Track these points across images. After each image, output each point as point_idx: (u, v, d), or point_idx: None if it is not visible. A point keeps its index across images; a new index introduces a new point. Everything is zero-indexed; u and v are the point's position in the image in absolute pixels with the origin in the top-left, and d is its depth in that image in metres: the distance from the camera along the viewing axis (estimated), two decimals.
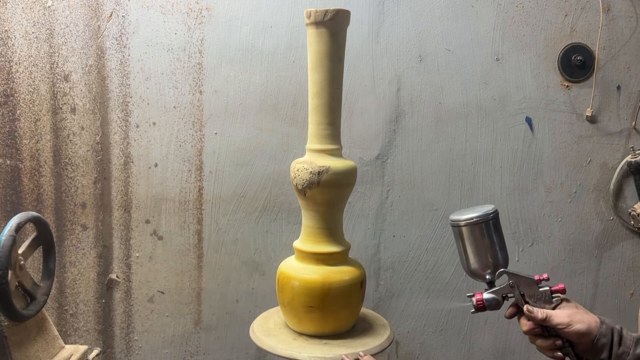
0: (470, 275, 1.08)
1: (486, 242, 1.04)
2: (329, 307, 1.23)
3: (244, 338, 1.79)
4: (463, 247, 1.06)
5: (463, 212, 1.06)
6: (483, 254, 1.04)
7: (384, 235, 1.79)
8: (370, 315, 1.42)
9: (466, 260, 1.06)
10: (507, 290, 1.04)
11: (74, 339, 1.80)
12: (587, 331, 0.96)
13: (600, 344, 0.96)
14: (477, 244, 1.04)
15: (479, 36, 1.73)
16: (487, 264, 1.04)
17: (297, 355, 1.18)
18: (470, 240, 1.04)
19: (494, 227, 1.04)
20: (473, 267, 1.06)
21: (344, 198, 1.29)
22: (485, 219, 1.03)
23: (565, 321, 0.97)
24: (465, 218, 1.04)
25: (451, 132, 1.76)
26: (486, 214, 1.04)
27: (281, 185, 1.76)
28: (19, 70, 1.70)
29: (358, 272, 1.28)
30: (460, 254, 1.08)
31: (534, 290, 1.02)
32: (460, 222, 1.05)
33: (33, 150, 1.73)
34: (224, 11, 1.71)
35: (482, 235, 1.04)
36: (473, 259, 1.05)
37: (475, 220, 1.03)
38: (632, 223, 1.78)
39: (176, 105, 1.73)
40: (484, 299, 1.05)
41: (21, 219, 1.22)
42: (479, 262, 1.05)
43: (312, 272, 1.23)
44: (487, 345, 1.84)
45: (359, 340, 1.25)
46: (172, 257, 1.78)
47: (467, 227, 1.04)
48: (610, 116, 1.76)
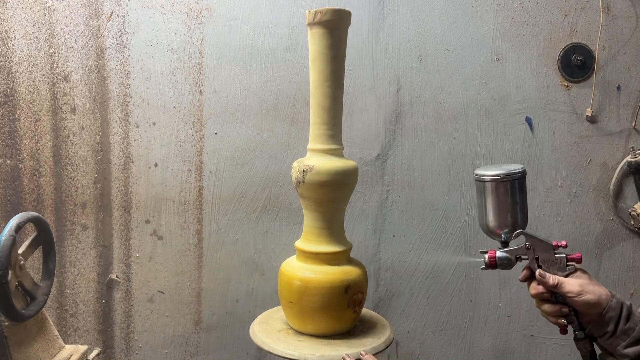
0: (485, 232, 1.06)
1: (508, 201, 1.02)
2: (329, 307, 1.23)
3: (244, 338, 1.79)
4: (484, 203, 1.04)
5: (490, 168, 1.04)
6: (503, 212, 1.02)
7: (384, 235, 1.79)
8: (370, 316, 1.42)
9: (485, 217, 1.04)
10: (521, 252, 1.02)
11: (74, 339, 1.80)
12: (597, 302, 0.95)
13: (608, 317, 0.95)
14: (499, 202, 1.02)
15: (479, 36, 1.73)
16: (505, 222, 1.02)
17: (297, 355, 1.18)
18: (493, 197, 1.02)
19: (519, 187, 1.02)
20: (491, 225, 1.04)
21: (339, 198, 1.27)
22: (511, 177, 1.01)
23: (576, 290, 0.96)
24: (492, 174, 1.02)
25: (451, 132, 1.76)
26: (513, 172, 1.02)
27: (281, 185, 1.76)
28: (19, 70, 1.70)
29: (359, 272, 1.28)
30: (480, 209, 1.05)
31: (549, 256, 1.01)
32: (486, 177, 1.03)
33: (33, 150, 1.73)
34: (224, 11, 1.71)
35: (505, 193, 1.01)
36: (492, 216, 1.03)
37: (502, 178, 1.01)
38: (632, 223, 1.78)
39: (176, 105, 1.73)
40: (497, 256, 1.02)
41: (21, 219, 1.22)
42: (498, 220, 1.03)
43: (312, 272, 1.23)
44: (487, 345, 1.84)
45: (359, 340, 1.25)
46: (172, 257, 1.78)
47: (492, 183, 1.02)
48: (610, 116, 1.76)
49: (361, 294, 1.27)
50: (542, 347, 1.83)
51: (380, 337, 1.28)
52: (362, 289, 1.27)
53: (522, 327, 1.83)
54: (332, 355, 1.18)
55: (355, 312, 1.27)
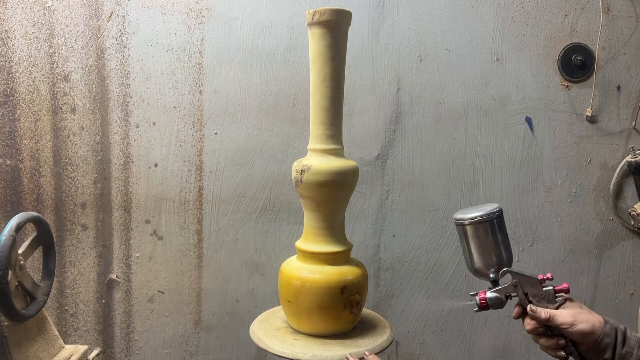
0: (474, 274, 1.08)
1: (490, 241, 1.03)
2: (325, 307, 1.22)
3: (244, 338, 1.79)
4: (467, 246, 1.05)
5: (467, 211, 1.06)
6: (487, 253, 1.04)
7: (384, 235, 1.79)
8: (370, 316, 1.42)
9: (470, 259, 1.06)
10: (510, 290, 1.03)
11: (74, 339, 1.80)
12: (591, 331, 0.96)
13: (604, 344, 0.95)
14: (481, 243, 1.04)
15: (479, 36, 1.73)
16: (491, 262, 1.04)
17: (297, 355, 1.18)
18: (475, 239, 1.04)
19: (498, 226, 1.04)
20: (477, 266, 1.05)
21: (338, 198, 1.26)
22: (489, 217, 1.03)
23: (569, 321, 0.97)
24: (470, 217, 1.04)
25: (451, 132, 1.76)
26: (490, 213, 1.03)
27: (281, 185, 1.76)
28: (19, 70, 1.70)
29: (363, 270, 1.28)
30: (465, 253, 1.07)
31: (537, 290, 1.02)
32: (465, 221, 1.04)
33: (33, 150, 1.73)
34: (224, 11, 1.71)
35: (486, 234, 1.03)
36: (477, 257, 1.05)
37: (480, 220, 1.03)
38: (632, 223, 1.78)
39: (176, 105, 1.73)
40: (487, 297, 1.04)
41: (21, 219, 1.22)
42: (482, 261, 1.04)
43: (310, 272, 1.23)
44: (487, 345, 1.84)
45: (360, 340, 1.25)
46: (172, 257, 1.78)
47: (471, 226, 1.04)
48: (610, 116, 1.76)
49: (359, 295, 1.25)
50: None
51: (380, 337, 1.28)
52: (360, 290, 1.26)
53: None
54: (325, 355, 1.17)
55: (353, 314, 1.26)
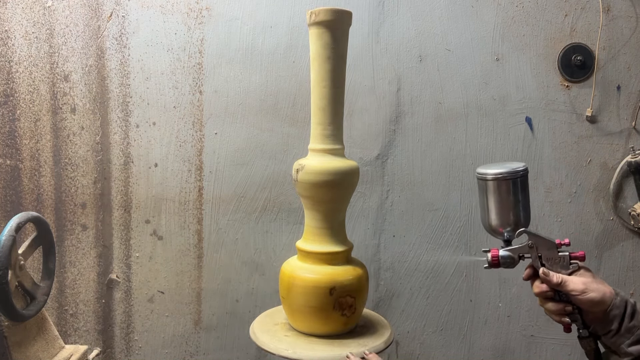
0: (488, 231, 1.06)
1: (511, 199, 1.01)
2: (314, 307, 1.22)
3: (244, 338, 1.79)
4: (486, 201, 1.03)
5: (491, 166, 1.03)
6: (506, 211, 1.02)
7: (384, 235, 1.79)
8: (370, 316, 1.42)
9: (487, 216, 1.04)
10: (524, 250, 1.01)
11: (74, 339, 1.80)
12: (601, 300, 0.95)
13: (612, 315, 0.95)
14: (502, 200, 1.01)
15: (479, 36, 1.73)
16: (508, 221, 1.02)
17: (297, 355, 1.18)
18: (495, 195, 1.02)
19: (521, 186, 1.02)
20: (493, 223, 1.03)
21: (335, 197, 1.25)
22: (513, 175, 1.01)
23: (580, 288, 0.96)
24: (494, 172, 1.01)
25: (451, 132, 1.76)
26: (515, 170, 1.01)
27: (281, 185, 1.76)
28: (19, 70, 1.70)
29: (360, 272, 1.27)
30: (482, 208, 1.05)
31: (552, 254, 1.00)
32: (488, 176, 1.02)
33: (33, 150, 1.73)
34: (224, 11, 1.71)
35: (508, 192, 1.01)
36: (495, 215, 1.03)
37: (504, 176, 1.01)
38: (632, 223, 1.78)
39: (176, 105, 1.73)
40: (500, 255, 1.01)
41: (21, 219, 1.22)
42: (500, 219, 1.02)
43: (313, 272, 1.23)
44: (487, 345, 1.84)
45: (360, 340, 1.25)
46: (172, 257, 1.78)
47: (494, 181, 1.01)
48: (610, 116, 1.76)
49: (350, 297, 1.23)
50: (542, 347, 1.83)
51: (380, 337, 1.28)
52: (352, 292, 1.23)
53: (522, 327, 1.83)
54: (333, 355, 1.18)
55: (345, 316, 1.23)
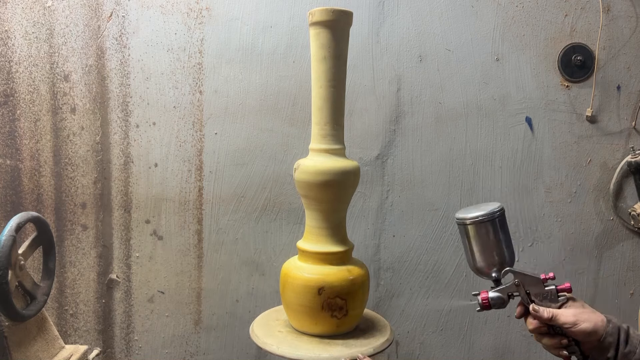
0: (476, 273, 1.07)
1: (492, 240, 1.03)
2: (303, 305, 1.23)
3: (244, 338, 1.79)
4: (469, 245, 1.05)
5: (469, 210, 1.05)
6: (489, 252, 1.03)
7: (384, 235, 1.79)
8: (370, 316, 1.42)
9: (472, 259, 1.05)
10: (512, 289, 1.03)
11: (74, 339, 1.80)
12: (594, 330, 0.96)
13: (607, 343, 0.95)
14: (483, 243, 1.03)
15: (479, 36, 1.73)
16: (493, 262, 1.03)
17: (297, 355, 1.18)
18: (476, 238, 1.03)
19: (500, 225, 1.03)
20: (479, 265, 1.05)
21: (331, 197, 1.24)
22: (491, 217, 1.02)
23: (571, 320, 0.96)
24: (471, 216, 1.03)
25: (451, 132, 1.76)
26: (492, 212, 1.03)
27: (281, 185, 1.76)
28: (19, 70, 1.70)
29: (361, 272, 1.27)
30: (466, 252, 1.06)
31: (539, 289, 1.01)
32: (467, 220, 1.04)
33: (33, 150, 1.73)
34: (224, 11, 1.71)
35: (487, 233, 1.03)
36: (479, 257, 1.04)
37: (481, 219, 1.02)
38: (632, 223, 1.78)
39: (176, 105, 1.73)
40: (490, 297, 1.03)
41: (21, 219, 1.22)
42: (485, 261, 1.04)
43: (305, 271, 1.23)
44: (487, 345, 1.84)
45: (359, 341, 1.25)
46: (172, 257, 1.78)
47: (472, 225, 1.03)
48: (610, 116, 1.76)
49: (340, 299, 1.21)
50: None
51: (380, 338, 1.28)
52: (343, 294, 1.21)
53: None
54: (333, 355, 1.18)
55: (335, 317, 1.22)
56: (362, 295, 1.26)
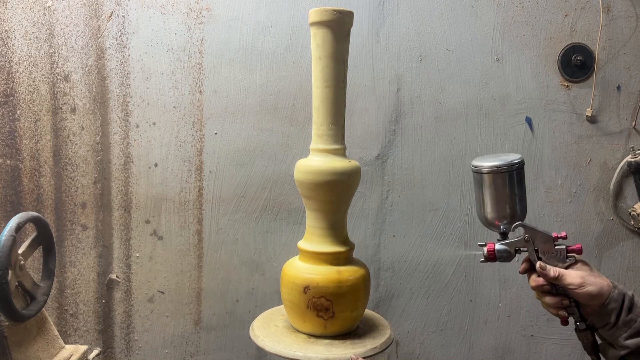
0: (484, 224, 1.04)
1: (507, 192, 0.99)
2: (291, 302, 1.24)
3: (244, 338, 1.79)
4: (482, 194, 1.01)
5: (487, 158, 1.02)
6: (502, 204, 1.00)
7: (384, 235, 1.79)
8: (370, 316, 1.42)
9: (483, 208, 1.02)
10: (521, 244, 1.00)
11: (74, 339, 1.80)
12: (599, 294, 0.95)
13: (610, 309, 0.94)
14: (497, 193, 1.00)
15: (479, 36, 1.73)
16: (504, 214, 1.00)
17: (297, 355, 1.18)
18: (491, 188, 1.00)
19: (517, 178, 1.00)
20: (489, 216, 1.02)
21: (328, 197, 1.24)
22: (509, 168, 0.99)
23: (577, 282, 0.95)
24: (489, 165, 1.00)
25: (451, 132, 1.76)
26: (511, 163, 0.99)
27: (281, 185, 1.76)
28: (19, 70, 1.70)
29: (362, 272, 1.26)
30: (478, 201, 1.03)
31: (549, 247, 0.99)
32: (483, 168, 1.00)
33: (33, 150, 1.73)
34: (224, 11, 1.71)
35: (504, 185, 0.99)
36: (490, 208, 1.01)
37: (499, 169, 0.99)
38: (632, 223, 1.78)
39: (176, 105, 1.73)
40: (496, 249, 1.00)
41: (21, 219, 1.22)
42: (496, 212, 1.01)
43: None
44: (487, 345, 1.84)
45: (359, 341, 1.25)
46: (172, 257, 1.78)
47: (489, 174, 1.00)
48: (610, 116, 1.76)
49: (326, 300, 1.20)
50: (542, 347, 1.83)
51: (380, 338, 1.27)
52: (328, 295, 1.20)
53: (522, 327, 1.83)
54: (333, 356, 1.17)
55: (321, 317, 1.21)
56: (352, 298, 1.23)
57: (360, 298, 1.25)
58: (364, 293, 1.26)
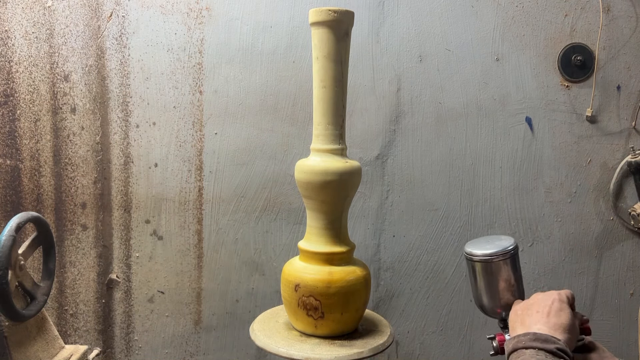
0: (481, 311, 1.00)
1: (503, 279, 0.94)
2: (288, 300, 1.24)
3: (244, 338, 1.79)
4: (475, 283, 0.96)
5: (479, 244, 0.96)
6: (498, 292, 0.95)
7: (384, 235, 1.79)
8: (370, 316, 1.42)
9: (479, 296, 0.97)
10: None
11: (74, 339, 1.80)
12: None
13: None
14: (492, 282, 0.94)
15: (479, 36, 1.73)
16: (501, 303, 0.95)
17: (297, 355, 1.18)
18: (485, 277, 0.95)
19: (511, 264, 0.94)
20: (487, 305, 0.97)
21: (329, 198, 1.24)
22: (503, 256, 0.93)
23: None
24: (481, 254, 0.94)
25: (451, 132, 1.76)
26: (504, 250, 0.93)
27: (281, 185, 1.76)
28: (19, 70, 1.70)
29: (362, 272, 1.27)
30: (473, 287, 0.98)
31: None
32: (475, 257, 0.95)
33: (33, 150, 1.73)
34: (224, 11, 1.71)
35: (498, 272, 0.93)
36: (486, 296, 0.96)
37: (491, 258, 0.93)
38: (632, 223, 1.78)
39: (176, 105, 1.73)
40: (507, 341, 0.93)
41: (21, 219, 1.22)
42: (494, 301, 0.96)
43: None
44: (487, 345, 1.83)
45: (359, 341, 1.25)
46: (172, 257, 1.78)
47: (481, 263, 0.94)
48: (610, 116, 1.76)
49: (315, 299, 1.20)
50: None
51: (380, 338, 1.27)
52: (317, 295, 1.20)
53: None
54: (333, 356, 1.17)
55: (311, 317, 1.22)
56: (341, 300, 1.21)
57: (351, 301, 1.23)
58: (357, 295, 1.24)
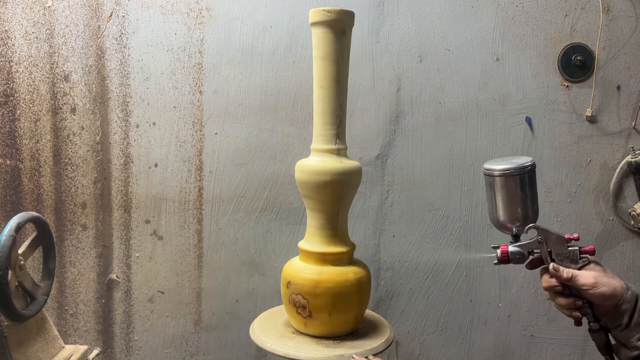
0: (496, 226, 1.05)
1: (519, 195, 1.00)
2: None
3: (244, 338, 1.79)
4: (494, 197, 1.02)
5: (499, 162, 1.03)
6: (514, 206, 1.01)
7: (384, 235, 1.79)
8: (370, 316, 1.42)
9: (495, 211, 1.03)
10: (534, 246, 1.01)
11: (74, 339, 1.80)
12: (612, 294, 0.95)
13: (623, 309, 0.95)
14: (509, 196, 1.00)
15: (479, 36, 1.73)
16: (516, 217, 1.01)
17: (297, 355, 1.18)
18: (503, 191, 1.01)
19: (528, 181, 1.01)
20: (502, 219, 1.03)
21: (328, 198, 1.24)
22: (521, 171, 1.00)
23: (591, 282, 0.96)
24: (501, 168, 1.01)
25: (451, 132, 1.76)
26: (522, 166, 1.00)
27: (281, 185, 1.76)
28: (19, 70, 1.70)
29: (362, 273, 1.27)
30: (490, 204, 1.04)
31: (562, 249, 1.00)
32: (495, 171, 1.01)
33: (33, 150, 1.73)
34: (224, 11, 1.71)
35: (515, 187, 1.00)
36: (503, 210, 1.02)
37: (511, 172, 1.00)
38: (632, 223, 1.77)
39: (176, 105, 1.73)
40: (509, 251, 1.02)
41: (21, 219, 1.22)
42: (508, 215, 1.02)
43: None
44: (487, 345, 1.84)
45: (359, 341, 1.25)
46: (172, 257, 1.78)
47: (501, 177, 1.00)
48: (610, 116, 1.76)
49: (302, 298, 1.21)
50: (542, 347, 1.83)
51: (380, 338, 1.28)
52: (304, 294, 1.21)
53: (522, 327, 1.83)
54: (333, 356, 1.18)
55: (300, 315, 1.23)
56: (328, 301, 1.20)
57: (339, 302, 1.21)
58: (348, 298, 1.23)
